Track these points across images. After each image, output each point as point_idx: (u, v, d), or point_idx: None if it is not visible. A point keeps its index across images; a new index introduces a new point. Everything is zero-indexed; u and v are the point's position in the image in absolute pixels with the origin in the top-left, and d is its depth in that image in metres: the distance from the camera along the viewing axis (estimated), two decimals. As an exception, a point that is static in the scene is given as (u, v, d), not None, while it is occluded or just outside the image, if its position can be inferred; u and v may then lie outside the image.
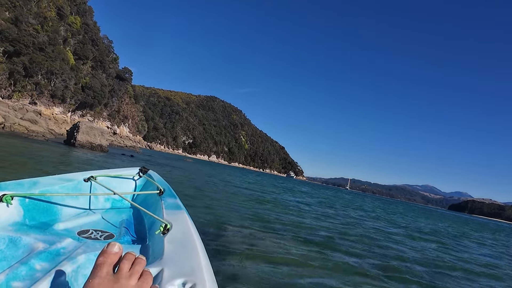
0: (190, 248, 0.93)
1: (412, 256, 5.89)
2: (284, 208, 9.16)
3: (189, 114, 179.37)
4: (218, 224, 4.98)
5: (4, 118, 17.09)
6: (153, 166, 14.61)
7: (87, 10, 61.50)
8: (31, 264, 0.81)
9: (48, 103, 48.63)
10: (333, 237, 5.99)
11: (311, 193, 24.27)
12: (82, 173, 1.65)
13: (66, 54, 52.83)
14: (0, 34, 40.85)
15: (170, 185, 1.83)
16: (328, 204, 15.30)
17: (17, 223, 1.06)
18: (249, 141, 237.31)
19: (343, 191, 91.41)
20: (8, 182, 1.19)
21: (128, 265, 0.61)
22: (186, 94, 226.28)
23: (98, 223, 1.36)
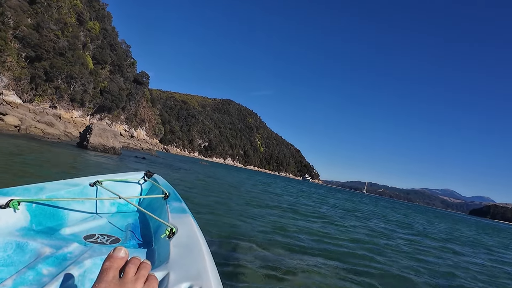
0: (196, 252, 0.93)
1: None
2: (304, 216, 8.46)
3: (205, 117, 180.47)
4: (232, 235, 4.38)
5: (21, 121, 17.17)
6: (164, 170, 14.18)
7: (105, 15, 62.62)
8: (38, 269, 0.82)
9: (67, 107, 49.51)
10: (369, 253, 5.27)
11: (330, 199, 23.35)
12: (88, 177, 1.64)
13: (85, 58, 53.79)
14: (23, 40, 41.89)
15: (177, 189, 1.79)
16: (353, 211, 14.45)
17: (24, 228, 1.07)
18: (264, 144, 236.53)
19: (358, 195, 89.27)
20: (15, 187, 1.19)
21: (134, 269, 0.62)
22: (202, 97, 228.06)
23: (104, 227, 1.36)
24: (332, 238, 6.03)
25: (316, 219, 8.37)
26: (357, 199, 37.51)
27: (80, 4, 55.21)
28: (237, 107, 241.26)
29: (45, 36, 44.60)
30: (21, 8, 41.56)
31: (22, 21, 41.33)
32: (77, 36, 52.29)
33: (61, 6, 49.91)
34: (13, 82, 39.40)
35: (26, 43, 42.05)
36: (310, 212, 9.63)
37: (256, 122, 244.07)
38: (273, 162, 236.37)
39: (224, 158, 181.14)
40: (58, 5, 49.11)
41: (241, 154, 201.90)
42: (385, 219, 13.77)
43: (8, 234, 0.96)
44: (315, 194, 25.64)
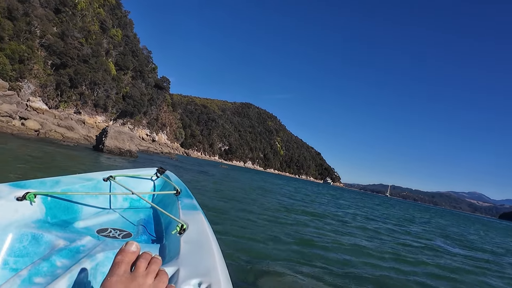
0: (206, 248, 0.94)
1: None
2: (331, 225, 7.48)
3: (225, 121, 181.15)
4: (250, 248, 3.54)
5: (42, 125, 17.21)
6: (179, 172, 13.60)
7: (127, 22, 63.77)
8: (52, 261, 0.85)
9: (91, 112, 50.44)
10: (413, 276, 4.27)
11: (359, 203, 22.05)
12: (102, 172, 1.65)
13: (108, 65, 54.80)
14: (49, 48, 43.05)
15: (189, 188, 1.79)
16: (386, 218, 13.26)
17: (40, 221, 1.09)
18: (284, 147, 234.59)
19: (383, 198, 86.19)
20: (32, 180, 1.22)
21: (145, 264, 0.63)
22: (222, 101, 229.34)
23: (116, 222, 1.38)
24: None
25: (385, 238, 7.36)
26: (386, 203, 35.67)
27: (103, 12, 56.46)
28: (257, 111, 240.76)
29: (69, 44, 45.69)
30: (47, 17, 42.76)
31: (48, 30, 42.49)
32: (100, 43, 53.37)
33: (85, 15, 51.11)
34: (40, 89, 40.45)
35: (52, 51, 43.18)
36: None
37: (275, 125, 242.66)
38: (293, 165, 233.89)
39: (244, 161, 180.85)
40: (82, 13, 50.32)
41: (261, 157, 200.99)
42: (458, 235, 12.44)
43: (24, 226, 0.98)
44: (347, 199, 24.43)
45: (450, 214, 60.44)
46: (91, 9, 52.90)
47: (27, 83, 37.95)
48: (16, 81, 35.93)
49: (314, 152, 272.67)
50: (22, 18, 38.77)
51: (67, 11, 46.42)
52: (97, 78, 49.77)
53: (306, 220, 7.48)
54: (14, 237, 0.93)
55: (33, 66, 39.12)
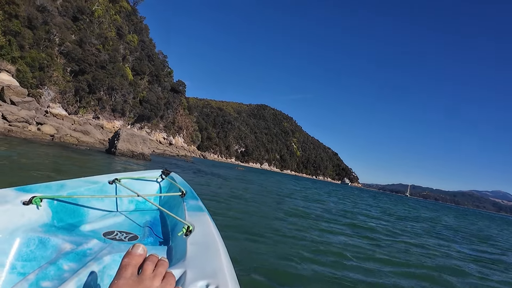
0: (213, 250, 0.93)
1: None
2: (364, 235, 6.70)
3: (240, 123, 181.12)
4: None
5: (57, 130, 17.17)
6: (193, 175, 13.07)
7: (143, 28, 64.49)
8: (59, 264, 0.85)
9: (109, 117, 51.09)
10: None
11: (385, 207, 20.95)
12: (107, 175, 1.65)
13: (125, 70, 55.47)
14: (67, 55, 43.85)
15: (195, 189, 1.78)
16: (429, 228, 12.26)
17: (46, 225, 1.09)
18: (301, 148, 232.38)
19: (405, 198, 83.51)
20: (38, 184, 1.22)
21: (152, 266, 0.63)
22: (237, 103, 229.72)
23: (122, 224, 1.38)
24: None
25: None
26: (413, 205, 34.13)
27: (119, 18, 57.26)
28: (272, 112, 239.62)
29: (87, 51, 46.43)
30: (65, 25, 43.58)
31: (66, 38, 43.29)
32: (117, 49, 54.08)
33: (102, 22, 51.92)
34: (59, 95, 41.18)
35: (70, 58, 43.96)
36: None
37: (291, 126, 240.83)
38: (310, 166, 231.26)
39: (261, 163, 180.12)
40: (99, 20, 51.13)
41: (278, 158, 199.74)
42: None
43: (31, 230, 0.98)
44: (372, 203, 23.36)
45: (489, 217, 57.57)
46: (107, 16, 53.71)
47: (47, 90, 38.68)
48: (37, 88, 36.65)
49: (331, 152, 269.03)
50: (41, 26, 39.61)
51: (84, 18, 47.22)
52: (115, 84, 50.39)
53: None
54: (21, 242, 0.93)
55: (52, 73, 39.88)
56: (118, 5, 58.06)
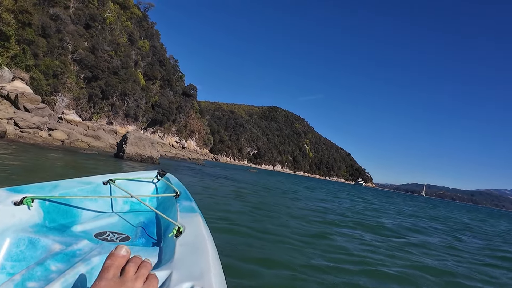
0: (201, 251, 0.92)
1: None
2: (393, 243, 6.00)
3: (252, 125, 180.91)
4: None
5: (68, 135, 17.06)
6: (202, 178, 12.58)
7: (154, 33, 64.93)
8: (46, 265, 0.84)
9: (122, 122, 51.43)
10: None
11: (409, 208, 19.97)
12: (102, 176, 1.64)
13: (137, 75, 55.86)
14: (80, 62, 44.38)
15: (188, 190, 1.80)
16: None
17: (37, 225, 1.08)
18: (313, 149, 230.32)
19: (420, 198, 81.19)
20: (30, 185, 1.22)
21: (134, 268, 0.62)
22: (249, 106, 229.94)
23: (115, 225, 1.37)
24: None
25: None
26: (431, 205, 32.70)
27: (131, 25, 57.81)
28: (284, 113, 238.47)
29: (100, 57, 46.90)
30: (78, 33, 44.13)
31: (79, 45, 43.82)
32: (129, 55, 54.54)
33: (114, 28, 52.47)
34: (73, 102, 41.63)
35: (83, 65, 44.46)
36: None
37: (303, 127, 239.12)
38: (323, 167, 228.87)
39: (273, 165, 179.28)
40: (111, 27, 51.68)
41: (290, 160, 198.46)
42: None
43: (21, 231, 0.97)
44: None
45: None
46: (119, 22, 54.28)
47: (61, 97, 39.11)
48: (51, 95, 37.08)
49: (344, 153, 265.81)
50: (55, 35, 40.18)
51: (96, 26, 47.77)
52: (127, 89, 50.75)
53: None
54: (11, 242, 0.93)
55: (66, 80, 40.34)
56: (129, 12, 58.66)
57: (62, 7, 42.74)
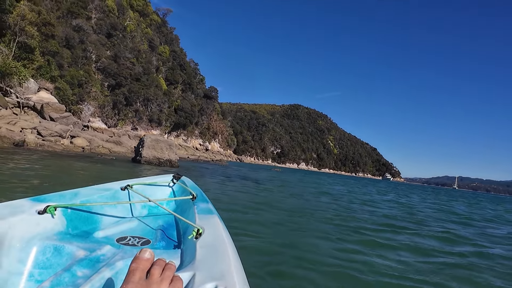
0: (222, 252, 0.94)
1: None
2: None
3: (275, 124, 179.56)
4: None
5: (90, 142, 16.89)
6: (221, 180, 11.71)
7: (173, 38, 65.38)
8: (73, 271, 0.87)
9: (147, 127, 51.94)
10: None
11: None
12: (119, 182, 1.68)
13: (159, 81, 56.35)
14: (104, 71, 45.19)
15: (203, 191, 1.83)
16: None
17: (61, 233, 1.12)
18: (337, 146, 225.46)
19: (454, 192, 76.72)
20: (52, 194, 1.25)
21: (159, 270, 0.63)
22: (270, 105, 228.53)
23: (135, 229, 1.40)
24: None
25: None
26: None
27: (151, 31, 58.42)
28: (306, 111, 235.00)
29: (122, 65, 47.57)
30: (100, 42, 44.91)
31: (102, 54, 44.61)
32: (150, 61, 55.10)
33: (134, 36, 53.15)
34: (98, 109, 42.40)
35: (107, 73, 45.23)
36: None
37: (327, 124, 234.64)
38: (349, 163, 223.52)
39: (298, 163, 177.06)
40: (132, 35, 52.38)
41: (315, 157, 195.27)
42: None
43: (46, 239, 1.00)
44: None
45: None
46: (139, 30, 54.94)
47: (86, 105, 39.84)
48: (77, 104, 37.82)
49: (369, 148, 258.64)
50: (78, 45, 41.06)
51: (118, 34, 48.51)
52: (150, 94, 51.21)
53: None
54: (38, 250, 0.96)
55: (91, 89, 41.07)
56: (149, 19, 59.33)
57: (84, 18, 43.66)
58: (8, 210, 1.01)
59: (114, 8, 49.25)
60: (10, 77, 22.48)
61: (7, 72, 22.06)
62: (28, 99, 23.19)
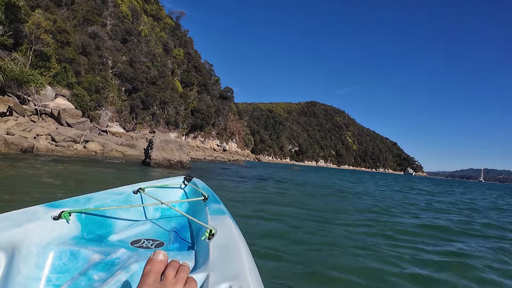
0: (235, 252, 0.94)
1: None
2: None
3: (291, 122, 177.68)
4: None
5: (103, 146, 16.51)
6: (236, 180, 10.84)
7: (187, 41, 65.33)
8: (89, 275, 0.89)
9: (164, 130, 51.96)
10: None
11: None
12: (131, 186, 1.68)
13: (175, 83, 56.34)
14: (121, 76, 45.45)
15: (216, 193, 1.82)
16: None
17: (76, 237, 1.13)
18: (356, 141, 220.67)
19: (480, 185, 72.72)
20: (66, 199, 1.26)
21: (173, 272, 0.63)
22: (287, 103, 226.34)
23: (149, 232, 1.41)
24: None
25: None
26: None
27: (165, 35, 58.51)
28: (323, 108, 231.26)
29: (138, 69, 47.75)
30: (115, 47, 45.19)
31: (118, 59, 44.90)
32: (165, 64, 55.19)
33: (149, 40, 53.30)
34: (116, 114, 42.63)
35: (123, 78, 45.47)
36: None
37: (344, 120, 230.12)
38: (369, 158, 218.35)
39: (316, 160, 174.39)
40: (146, 39, 52.54)
41: (333, 154, 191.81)
42: None
43: (62, 244, 1.02)
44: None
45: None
46: (153, 34, 55.09)
47: (104, 111, 40.08)
48: (95, 110, 38.07)
49: (389, 142, 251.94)
50: (94, 52, 41.42)
51: (132, 39, 48.74)
52: (166, 97, 51.20)
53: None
54: (54, 255, 0.98)
55: (108, 94, 41.32)
56: (162, 22, 59.48)
57: (99, 25, 44.05)
58: (24, 217, 1.02)
59: (128, 13, 49.52)
60: (27, 85, 22.56)
61: (24, 80, 22.11)
62: (45, 106, 23.23)
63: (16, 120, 18.67)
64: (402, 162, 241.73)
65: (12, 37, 24.54)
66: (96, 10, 44.93)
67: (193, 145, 58.13)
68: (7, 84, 21.57)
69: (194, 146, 57.81)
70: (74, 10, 42.27)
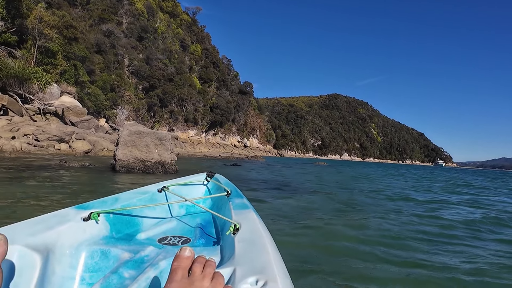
0: (260, 245, 0.93)
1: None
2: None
3: (313, 116, 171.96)
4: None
5: (93, 145, 14.23)
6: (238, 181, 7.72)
7: (205, 36, 62.81)
8: (120, 273, 0.90)
9: (183, 128, 49.81)
10: None
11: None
12: (155, 184, 1.70)
13: (193, 80, 54.02)
14: (137, 74, 43.60)
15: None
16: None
17: (106, 237, 1.15)
18: (381, 133, 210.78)
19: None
20: (93, 201, 1.28)
21: (200, 267, 0.63)
22: (308, 97, 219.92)
23: (175, 229, 1.41)
24: None
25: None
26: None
27: (181, 31, 56.26)
28: (345, 100, 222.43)
29: (155, 66, 45.72)
30: (131, 45, 43.32)
31: (134, 57, 43.04)
32: (182, 61, 52.92)
33: (166, 37, 51.18)
34: (133, 113, 40.83)
35: (140, 76, 43.59)
36: None
37: (368, 111, 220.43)
38: (394, 150, 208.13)
39: (340, 154, 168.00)
40: (163, 36, 50.44)
41: (357, 147, 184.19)
42: None
43: (93, 244, 1.04)
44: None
45: None
46: (170, 30, 52.93)
47: (121, 109, 38.30)
48: (111, 109, 36.32)
49: (416, 133, 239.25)
50: (110, 50, 39.69)
51: (149, 36, 46.75)
52: (184, 94, 48.97)
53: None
54: (86, 255, 0.99)
55: (124, 93, 39.50)
56: (179, 19, 57.23)
57: (115, 23, 42.34)
58: (56, 220, 1.04)
59: (144, 11, 47.55)
60: (30, 82, 20.67)
61: (24, 78, 20.22)
62: (49, 105, 21.32)
63: (11, 120, 16.66)
64: (430, 153, 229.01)
65: (17, 34, 22.81)
66: (111, 8, 43.24)
67: (213, 142, 55.67)
68: (8, 82, 19.75)
69: (214, 143, 55.34)
70: (89, 10, 40.77)
